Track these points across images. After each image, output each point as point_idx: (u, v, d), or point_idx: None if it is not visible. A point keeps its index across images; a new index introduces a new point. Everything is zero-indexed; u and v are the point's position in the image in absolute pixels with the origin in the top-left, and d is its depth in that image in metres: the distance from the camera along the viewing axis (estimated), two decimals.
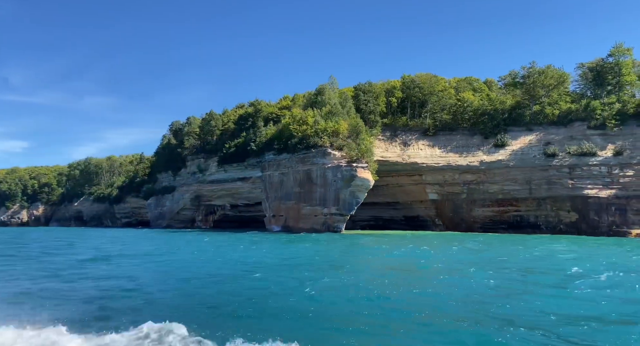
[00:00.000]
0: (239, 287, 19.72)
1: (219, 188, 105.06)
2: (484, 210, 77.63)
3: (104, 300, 17.01)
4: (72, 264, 28.97)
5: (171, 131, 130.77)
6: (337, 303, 16.33)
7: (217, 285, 20.42)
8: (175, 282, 21.97)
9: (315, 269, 25.62)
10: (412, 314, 14.56)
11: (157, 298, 17.40)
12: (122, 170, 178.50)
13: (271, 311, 14.81)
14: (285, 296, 17.39)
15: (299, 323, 13.41)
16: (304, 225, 68.57)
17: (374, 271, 26.59)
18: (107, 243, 52.32)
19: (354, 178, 64.23)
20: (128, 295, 18.01)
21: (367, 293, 18.12)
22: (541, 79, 78.98)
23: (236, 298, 17.04)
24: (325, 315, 14.44)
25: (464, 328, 12.70)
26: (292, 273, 24.39)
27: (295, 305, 15.68)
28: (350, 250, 41.86)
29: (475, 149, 79.88)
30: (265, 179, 77.21)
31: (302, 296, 17.23)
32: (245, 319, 13.88)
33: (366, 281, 21.42)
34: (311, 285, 19.34)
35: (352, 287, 19.35)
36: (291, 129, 72.62)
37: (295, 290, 18.63)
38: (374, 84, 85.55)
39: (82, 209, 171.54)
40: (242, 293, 18.04)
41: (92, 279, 22.23)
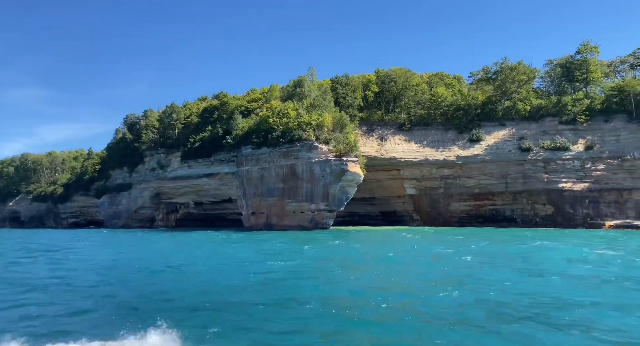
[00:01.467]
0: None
1: (182, 185, 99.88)
2: (461, 204, 78.34)
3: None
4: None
5: (125, 124, 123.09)
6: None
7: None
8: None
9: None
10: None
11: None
12: (65, 167, 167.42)
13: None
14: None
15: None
16: (290, 222, 65.91)
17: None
18: (82, 248, 46.81)
19: (345, 172, 62.38)
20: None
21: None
22: (512, 74, 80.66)
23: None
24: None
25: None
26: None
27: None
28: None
29: (451, 143, 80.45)
30: (242, 175, 73.64)
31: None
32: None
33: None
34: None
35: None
36: (270, 121, 69.60)
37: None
38: (351, 77, 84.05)
39: (18, 210, 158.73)
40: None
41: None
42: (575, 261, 27.14)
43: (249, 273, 23.06)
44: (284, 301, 16.04)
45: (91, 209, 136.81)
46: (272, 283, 20.40)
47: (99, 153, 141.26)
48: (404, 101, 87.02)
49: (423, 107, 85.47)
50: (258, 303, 15.51)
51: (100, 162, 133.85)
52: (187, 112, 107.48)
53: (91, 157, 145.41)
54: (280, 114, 69.76)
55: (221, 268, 26.30)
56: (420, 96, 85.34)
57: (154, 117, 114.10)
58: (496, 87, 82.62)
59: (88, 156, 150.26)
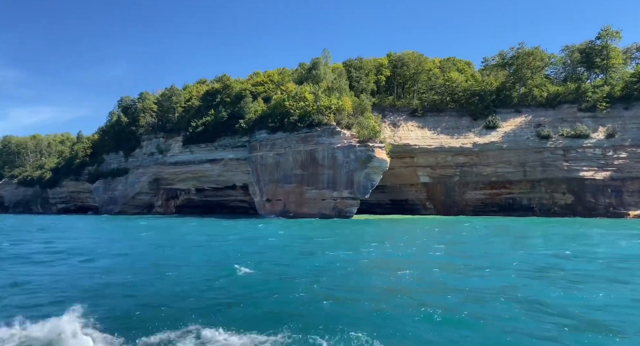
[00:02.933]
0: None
1: (183, 171, 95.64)
2: (477, 193, 76.13)
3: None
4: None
5: (120, 107, 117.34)
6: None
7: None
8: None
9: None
10: None
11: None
12: (51, 151, 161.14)
13: None
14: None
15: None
16: (309, 210, 62.64)
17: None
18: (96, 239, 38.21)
19: (371, 158, 59.18)
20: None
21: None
22: (529, 60, 78.14)
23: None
24: None
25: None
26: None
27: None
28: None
29: (466, 130, 77.90)
30: (256, 161, 69.85)
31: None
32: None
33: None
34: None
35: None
36: (286, 105, 65.80)
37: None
38: (364, 60, 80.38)
39: (2, 194, 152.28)
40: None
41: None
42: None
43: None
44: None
45: (82, 194, 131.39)
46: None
47: (89, 137, 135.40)
48: (417, 86, 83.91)
49: (436, 92, 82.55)
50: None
51: (92, 146, 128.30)
52: (187, 95, 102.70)
53: (81, 141, 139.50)
54: (297, 97, 65.98)
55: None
56: (433, 81, 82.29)
57: (150, 100, 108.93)
58: (512, 73, 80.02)
59: (77, 139, 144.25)
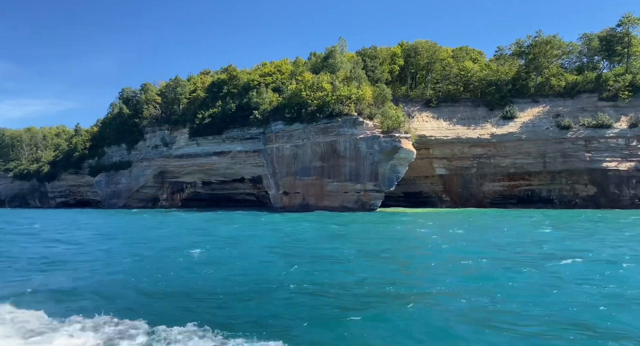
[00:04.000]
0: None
1: (189, 163, 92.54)
2: (494, 185, 73.94)
3: None
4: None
5: (121, 98, 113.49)
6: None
7: None
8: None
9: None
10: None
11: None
12: (47, 143, 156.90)
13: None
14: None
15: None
16: (330, 203, 60.02)
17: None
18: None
19: (398, 149, 56.49)
20: None
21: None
22: (546, 48, 75.72)
23: None
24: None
25: None
26: None
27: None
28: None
29: (482, 121, 75.53)
30: (272, 152, 66.96)
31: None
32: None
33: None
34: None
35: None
36: (303, 95, 62.88)
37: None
38: (378, 49, 77.45)
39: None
40: None
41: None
42: None
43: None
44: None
45: (82, 188, 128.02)
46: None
47: (88, 129, 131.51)
48: (430, 76, 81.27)
49: (450, 82, 79.98)
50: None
51: (91, 138, 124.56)
52: (192, 86, 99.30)
53: (79, 134, 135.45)
54: (314, 87, 63.04)
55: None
56: (448, 71, 79.64)
57: (153, 91, 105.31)
58: (528, 62, 77.55)
59: (76, 132, 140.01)
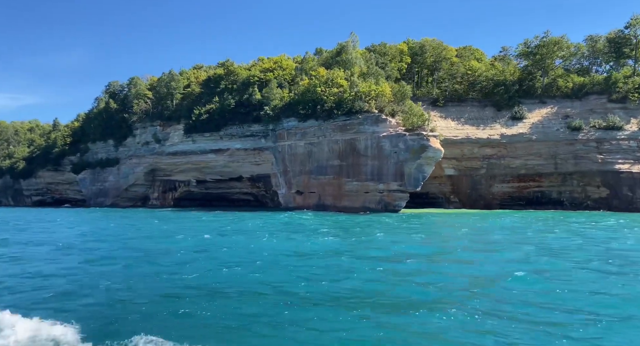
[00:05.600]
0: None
1: (184, 161, 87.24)
2: (504, 186, 72.07)
3: None
4: None
5: (107, 93, 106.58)
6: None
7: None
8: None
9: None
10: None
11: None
12: (20, 139, 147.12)
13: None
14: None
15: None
16: (350, 203, 56.43)
17: None
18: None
19: (426, 148, 53.33)
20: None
21: None
22: (554, 49, 74.43)
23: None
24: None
25: None
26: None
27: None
28: None
29: (491, 121, 73.60)
30: (284, 150, 62.82)
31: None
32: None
33: None
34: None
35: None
36: (318, 91, 59.04)
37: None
38: (388, 46, 74.34)
39: None
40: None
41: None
42: None
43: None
44: None
45: (60, 185, 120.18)
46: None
47: (69, 124, 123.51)
48: (437, 75, 78.83)
49: (457, 81, 77.77)
50: None
51: (72, 134, 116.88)
52: (185, 81, 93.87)
53: (58, 129, 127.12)
54: (329, 83, 59.35)
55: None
56: (454, 70, 77.39)
57: (142, 85, 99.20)
58: (535, 62, 76.03)
59: (54, 127, 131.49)
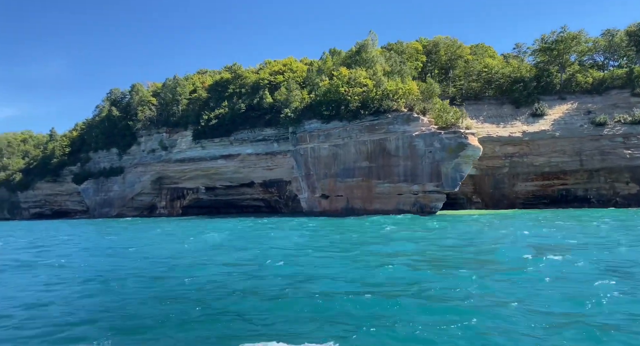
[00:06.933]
0: None
1: (192, 168, 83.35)
2: (527, 185, 69.34)
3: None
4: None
5: (108, 100, 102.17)
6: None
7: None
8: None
9: None
10: None
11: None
12: (14, 150, 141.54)
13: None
14: None
15: None
16: (382, 206, 53.09)
17: None
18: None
19: (465, 146, 50.24)
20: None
21: None
22: (572, 44, 72.17)
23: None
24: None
25: None
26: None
27: None
28: None
29: (510, 119, 70.93)
30: (306, 153, 59.28)
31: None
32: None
33: None
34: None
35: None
36: (342, 91, 55.72)
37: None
38: (404, 45, 71.39)
39: None
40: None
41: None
42: None
43: None
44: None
45: (60, 197, 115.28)
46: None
47: (66, 134, 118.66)
48: (452, 73, 76.08)
49: (473, 79, 75.11)
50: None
51: (71, 143, 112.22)
52: (191, 86, 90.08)
53: (55, 139, 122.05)
54: (352, 83, 56.10)
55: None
56: (470, 68, 74.72)
57: (145, 92, 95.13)
58: (553, 58, 73.68)
59: (51, 137, 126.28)
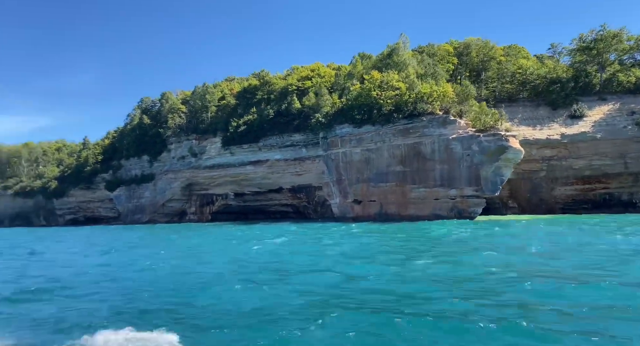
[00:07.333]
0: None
1: (222, 174, 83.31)
2: (567, 189, 66.45)
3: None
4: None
5: (139, 108, 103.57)
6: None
7: None
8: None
9: None
10: None
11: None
12: (48, 159, 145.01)
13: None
14: None
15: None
16: (417, 211, 51.51)
17: None
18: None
19: (505, 149, 48.27)
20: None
21: None
22: (613, 43, 69.09)
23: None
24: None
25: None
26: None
27: None
28: None
29: (547, 121, 68.20)
30: (337, 158, 58.21)
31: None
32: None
33: None
34: None
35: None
36: (374, 95, 54.44)
37: None
38: (435, 47, 69.74)
39: None
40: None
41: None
42: None
43: None
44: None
45: (92, 204, 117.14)
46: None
47: (99, 142, 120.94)
48: (484, 75, 73.87)
49: (506, 81, 72.74)
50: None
51: (103, 151, 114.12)
52: (219, 93, 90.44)
53: (88, 147, 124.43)
54: (384, 86, 54.77)
55: None
56: (504, 69, 72.37)
57: (174, 99, 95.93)
58: (592, 58, 70.67)
59: (84, 145, 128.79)
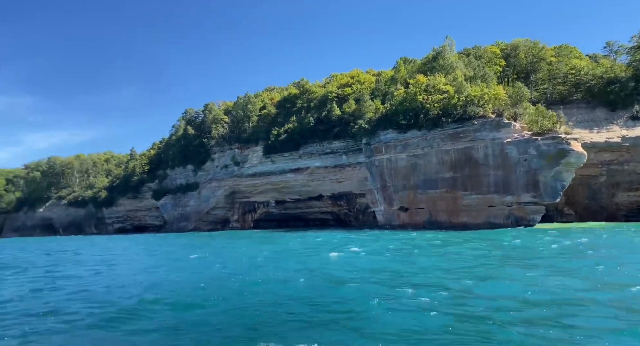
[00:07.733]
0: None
1: (263, 182, 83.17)
2: (630, 195, 61.97)
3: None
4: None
5: (184, 119, 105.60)
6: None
7: None
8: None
9: None
10: None
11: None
12: (98, 169, 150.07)
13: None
14: None
15: None
16: (470, 219, 49.33)
17: None
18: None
19: (567, 153, 45.46)
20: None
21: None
22: None
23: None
24: None
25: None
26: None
27: None
28: None
29: (606, 123, 64.10)
30: (381, 165, 56.72)
31: None
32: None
33: None
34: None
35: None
36: (419, 99, 52.65)
37: None
38: (482, 49, 67.24)
39: (51, 216, 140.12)
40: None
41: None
42: None
43: None
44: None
45: (139, 212, 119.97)
46: None
47: (145, 153, 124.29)
48: (534, 77, 70.47)
49: (559, 82, 69.05)
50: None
51: (149, 162, 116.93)
52: (260, 103, 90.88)
53: (135, 158, 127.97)
54: (431, 90, 52.89)
55: None
56: (556, 70, 68.79)
57: (217, 110, 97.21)
58: None
59: (131, 156, 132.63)
